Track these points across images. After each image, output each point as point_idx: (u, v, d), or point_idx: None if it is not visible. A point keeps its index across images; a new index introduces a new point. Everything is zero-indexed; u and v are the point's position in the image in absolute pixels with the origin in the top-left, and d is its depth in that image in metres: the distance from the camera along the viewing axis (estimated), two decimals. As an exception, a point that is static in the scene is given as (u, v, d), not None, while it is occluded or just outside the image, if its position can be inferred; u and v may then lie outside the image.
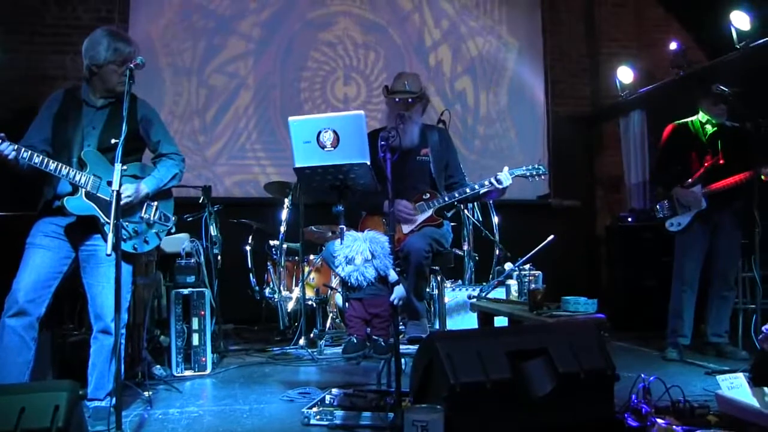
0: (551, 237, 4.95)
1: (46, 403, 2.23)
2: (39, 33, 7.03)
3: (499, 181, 4.37)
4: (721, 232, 4.96)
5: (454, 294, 5.65)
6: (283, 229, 6.00)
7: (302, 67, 7.68)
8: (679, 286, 4.96)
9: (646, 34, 8.33)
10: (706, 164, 4.91)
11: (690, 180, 4.92)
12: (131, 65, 3.16)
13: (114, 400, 2.97)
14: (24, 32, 7.00)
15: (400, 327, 4.21)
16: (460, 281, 6.15)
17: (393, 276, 3.42)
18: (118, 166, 2.86)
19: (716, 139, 4.98)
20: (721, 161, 4.91)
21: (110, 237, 2.75)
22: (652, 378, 3.13)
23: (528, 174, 4.54)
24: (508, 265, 5.41)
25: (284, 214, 6.04)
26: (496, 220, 6.44)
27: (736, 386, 3.14)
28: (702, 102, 5.06)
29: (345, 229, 3.40)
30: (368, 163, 3.17)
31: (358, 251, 3.35)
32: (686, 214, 4.94)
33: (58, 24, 6.99)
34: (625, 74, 7.62)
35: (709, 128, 5.02)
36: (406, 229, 4.40)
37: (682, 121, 5.14)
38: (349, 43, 7.81)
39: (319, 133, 3.17)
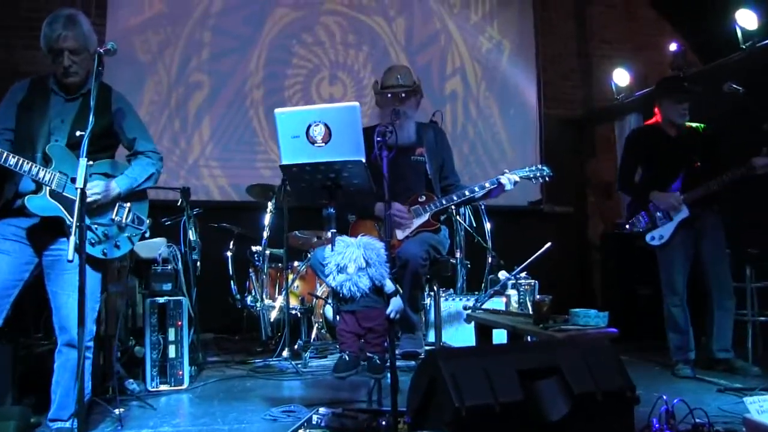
0: (548, 244, 4.71)
1: (-9, 435, 1.92)
2: (11, 27, 6.70)
3: (502, 185, 4.10)
4: (705, 237, 4.70)
5: (446, 304, 5.39)
6: (266, 234, 5.73)
7: (287, 67, 7.41)
8: (675, 301, 4.71)
9: (639, 36, 8.21)
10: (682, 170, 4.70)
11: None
12: (100, 50, 2.85)
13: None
14: (-5, 26, 6.67)
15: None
16: (451, 290, 5.89)
17: (389, 286, 3.14)
18: (83, 161, 2.55)
19: (683, 140, 4.76)
20: (697, 164, 4.69)
21: (72, 239, 2.43)
22: (675, 400, 2.86)
23: (531, 176, 4.28)
24: (502, 274, 5.16)
25: (267, 219, 5.76)
26: (488, 226, 6.20)
27: (767, 410, 2.88)
28: (663, 101, 4.80)
29: (336, 233, 3.11)
30: (363, 160, 2.88)
31: (351, 258, 3.07)
32: (668, 224, 4.67)
33: (31, 17, 6.65)
34: (621, 77, 7.48)
35: (671, 130, 4.78)
36: (400, 234, 4.12)
37: (643, 125, 4.97)
38: (335, 42, 7.56)
39: (309, 126, 2.87)
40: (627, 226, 6.30)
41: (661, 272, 4.78)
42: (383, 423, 2.97)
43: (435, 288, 4.55)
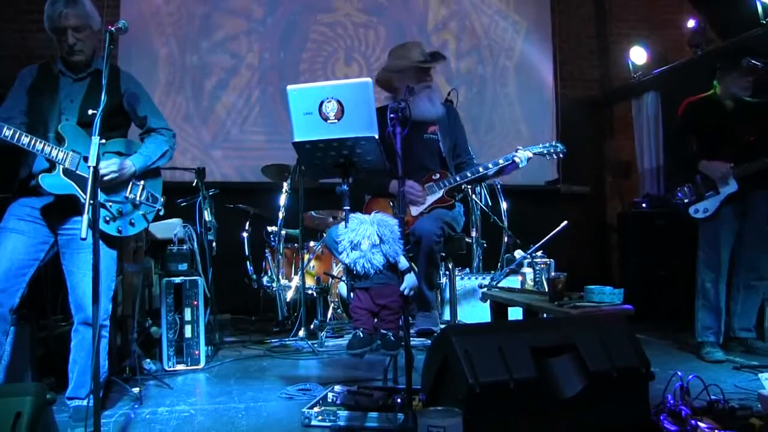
0: (564, 223, 4.68)
1: (7, 410, 1.92)
2: (24, 10, 6.70)
3: (519, 161, 4.06)
4: (752, 214, 4.51)
5: (462, 283, 5.37)
6: (281, 214, 5.72)
7: (302, 48, 7.40)
8: (712, 278, 4.50)
9: (657, 15, 8.05)
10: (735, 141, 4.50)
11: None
12: (112, 29, 2.83)
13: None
14: (7, 10, 6.68)
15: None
16: (467, 269, 5.87)
17: (404, 263, 3.11)
18: (95, 140, 2.54)
19: (741, 114, 4.58)
20: (751, 138, 4.50)
21: (85, 218, 2.42)
22: (691, 376, 2.83)
23: (545, 152, 4.21)
24: (518, 253, 5.14)
25: (283, 199, 5.76)
26: (504, 205, 6.17)
27: (783, 386, 2.85)
28: (724, 75, 4.61)
29: (350, 211, 3.09)
30: (376, 136, 2.86)
31: (365, 235, 3.04)
32: (714, 198, 4.49)
33: (44, 1, 6.65)
34: (638, 55, 7.38)
35: (729, 103, 4.61)
36: (415, 211, 4.10)
37: (700, 96, 4.73)
38: (349, 22, 7.51)
39: (322, 103, 2.85)
40: (644, 204, 6.20)
41: (701, 247, 4.59)
42: (398, 400, 2.97)
43: (450, 266, 4.52)
